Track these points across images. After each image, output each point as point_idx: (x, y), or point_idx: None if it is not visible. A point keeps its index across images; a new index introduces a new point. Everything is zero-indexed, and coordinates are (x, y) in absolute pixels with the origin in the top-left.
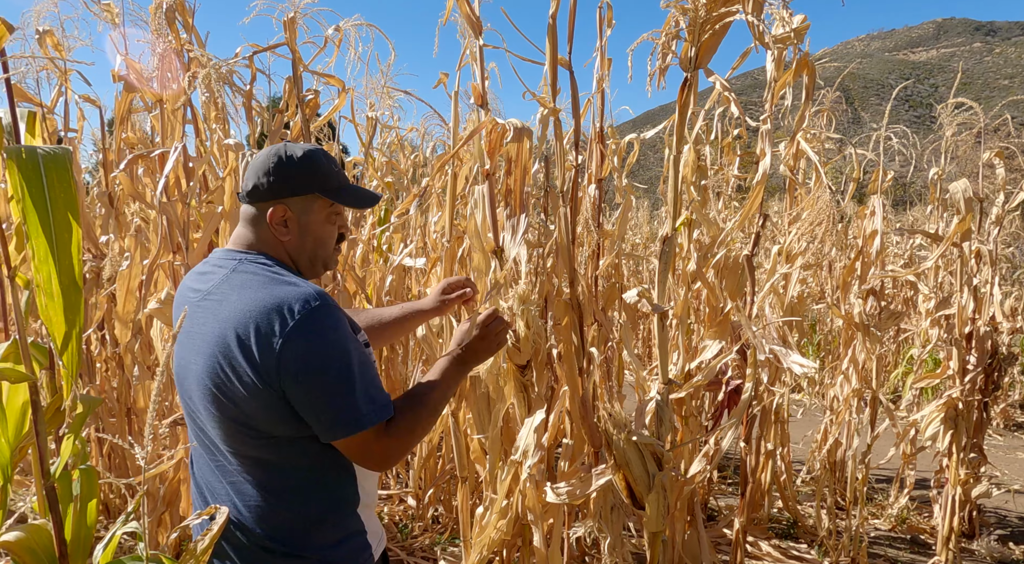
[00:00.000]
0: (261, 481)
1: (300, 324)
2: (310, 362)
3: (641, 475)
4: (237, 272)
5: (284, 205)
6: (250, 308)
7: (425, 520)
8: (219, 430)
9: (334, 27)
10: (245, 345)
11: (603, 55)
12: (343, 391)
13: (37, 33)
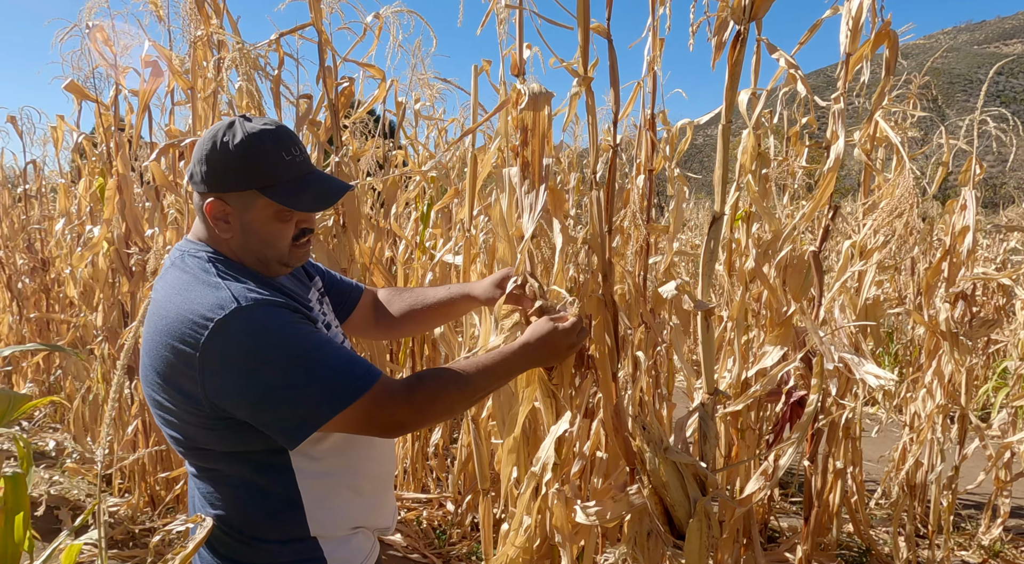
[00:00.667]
0: (200, 487)
1: (213, 335)
2: (235, 369)
3: (680, 500)
4: (174, 267)
5: (221, 200)
6: (169, 319)
7: (464, 527)
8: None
9: (373, 15)
10: (168, 361)
11: (655, 34)
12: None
13: (87, 28)
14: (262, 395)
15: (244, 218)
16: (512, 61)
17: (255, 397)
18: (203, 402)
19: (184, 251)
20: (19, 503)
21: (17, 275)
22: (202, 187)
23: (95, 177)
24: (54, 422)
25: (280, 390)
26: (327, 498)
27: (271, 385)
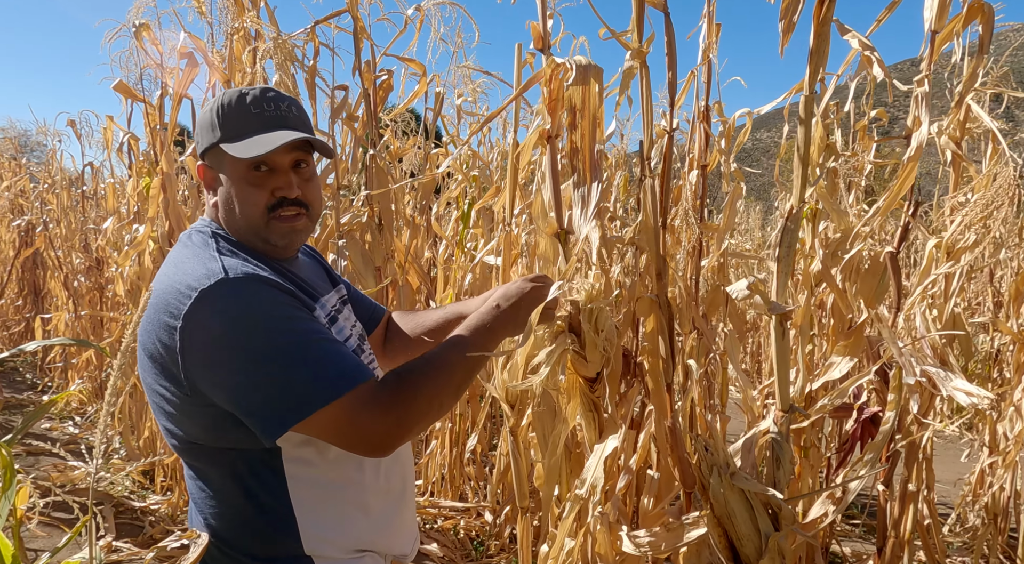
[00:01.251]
0: (193, 492)
1: (197, 305)
2: (214, 345)
3: (749, 534)
4: (179, 244)
5: (204, 163)
6: (160, 293)
7: (502, 539)
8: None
9: (415, 7)
10: (155, 337)
11: (711, 19)
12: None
13: (133, 26)
14: (240, 377)
15: (221, 180)
16: (534, 33)
17: (232, 378)
18: (184, 383)
19: (193, 228)
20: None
21: (73, 274)
22: (198, 153)
23: (142, 176)
24: None
25: (259, 373)
26: (324, 512)
27: (249, 367)
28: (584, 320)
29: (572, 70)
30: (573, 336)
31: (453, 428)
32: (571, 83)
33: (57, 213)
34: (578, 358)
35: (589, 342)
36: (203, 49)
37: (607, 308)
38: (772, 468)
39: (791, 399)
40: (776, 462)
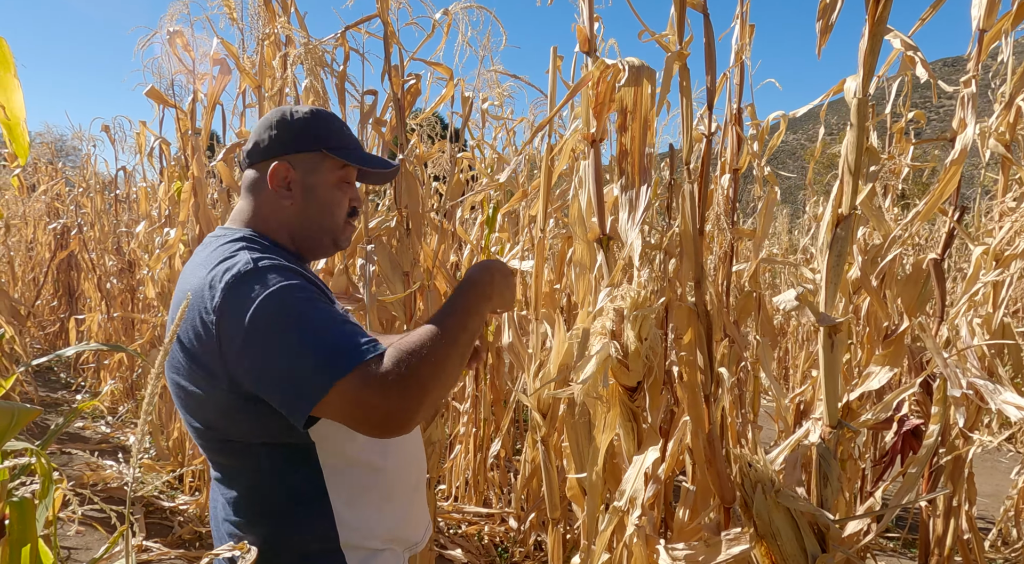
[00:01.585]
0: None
1: (226, 296)
2: (246, 332)
3: (795, 554)
4: (203, 248)
5: (287, 162)
6: (193, 291)
7: (527, 546)
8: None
9: (442, 11)
10: (192, 333)
11: (744, 21)
12: (295, 350)
13: (168, 34)
14: (270, 362)
15: (308, 182)
16: (580, 35)
17: (263, 364)
18: (221, 375)
19: (215, 235)
20: (25, 534)
21: (106, 276)
22: (268, 151)
23: (173, 180)
24: (135, 418)
25: (286, 357)
26: (357, 503)
27: (277, 352)
28: (628, 328)
29: (625, 71)
30: (617, 344)
31: (477, 433)
32: (623, 84)
33: (91, 216)
34: (620, 366)
35: (633, 350)
36: (235, 55)
37: (651, 316)
38: (820, 486)
39: (837, 413)
40: (824, 480)
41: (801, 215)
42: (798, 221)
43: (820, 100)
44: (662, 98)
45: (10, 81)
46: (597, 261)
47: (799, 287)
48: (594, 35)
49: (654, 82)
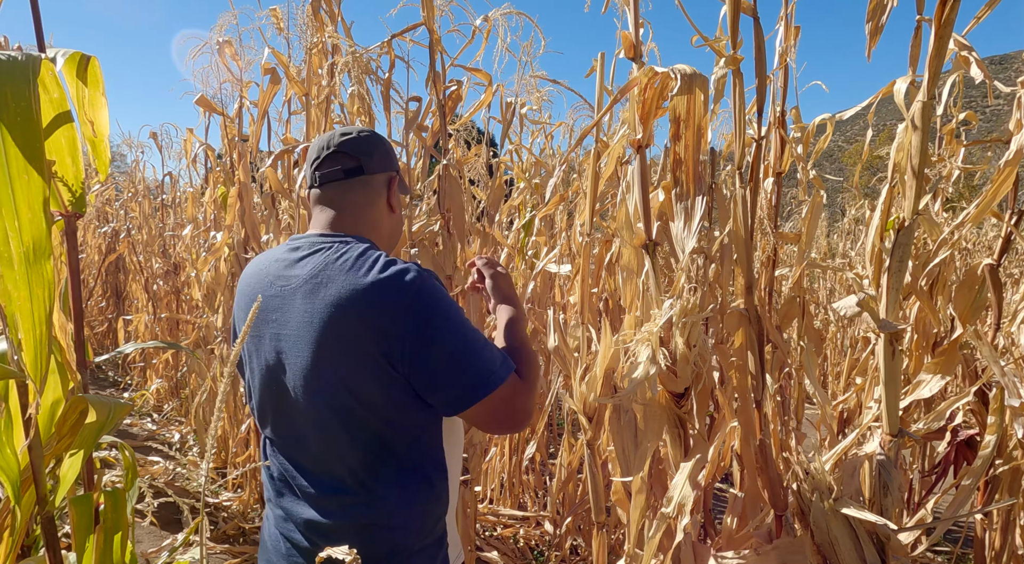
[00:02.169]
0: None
1: (416, 298)
2: (433, 330)
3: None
4: (339, 253)
5: (396, 177)
6: (365, 290)
7: (563, 550)
8: (332, 426)
9: (482, 17)
10: (372, 328)
11: (788, 23)
12: (473, 349)
13: (218, 44)
14: (447, 352)
15: (393, 201)
16: (625, 42)
17: (438, 354)
18: (401, 369)
19: (335, 240)
20: (118, 522)
21: (153, 278)
22: (378, 167)
23: (219, 186)
24: (179, 415)
25: (457, 351)
26: (451, 495)
27: (453, 345)
28: (676, 334)
29: (677, 80)
30: (665, 350)
31: (512, 436)
32: (675, 93)
33: (139, 220)
34: (668, 373)
35: (681, 357)
36: (285, 64)
37: (700, 323)
38: (879, 495)
39: (898, 422)
40: (884, 489)
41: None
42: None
43: (868, 102)
44: (716, 105)
45: (98, 99)
46: (644, 266)
47: (860, 293)
48: (639, 41)
49: (707, 90)
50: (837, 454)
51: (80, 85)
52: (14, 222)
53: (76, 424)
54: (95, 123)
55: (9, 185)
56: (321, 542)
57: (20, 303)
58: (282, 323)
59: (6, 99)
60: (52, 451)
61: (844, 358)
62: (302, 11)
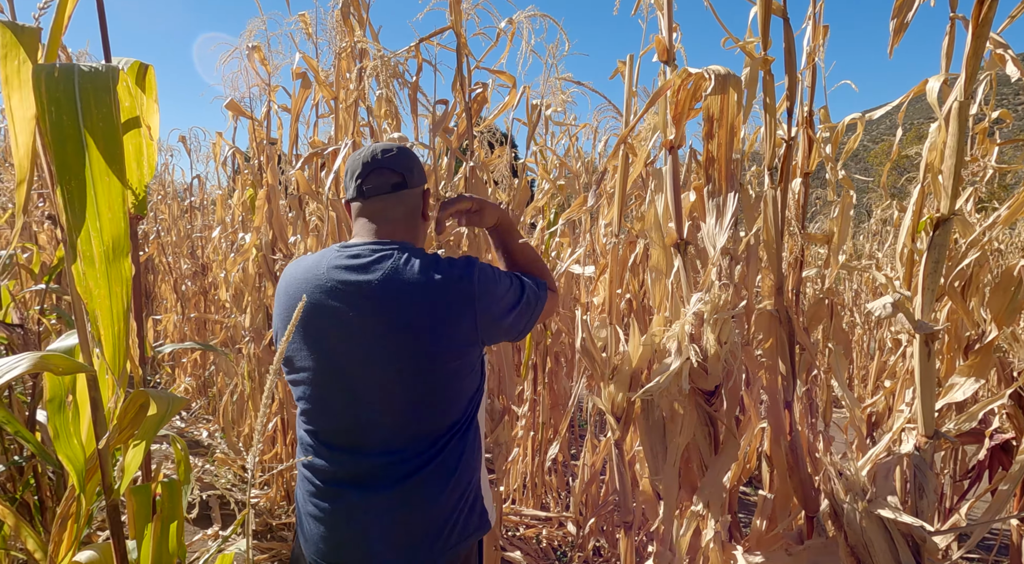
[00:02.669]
0: (438, 467)
1: (478, 276)
2: (498, 289)
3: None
4: (403, 260)
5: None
6: (438, 284)
7: (586, 551)
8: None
9: (507, 20)
10: (449, 312)
11: (816, 22)
12: (526, 297)
13: (247, 48)
14: (513, 304)
15: (427, 212)
16: (658, 46)
17: (507, 305)
18: (477, 334)
19: (394, 246)
20: (175, 512)
21: (181, 278)
22: (417, 182)
23: (247, 188)
24: (207, 414)
25: (519, 298)
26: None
27: (514, 295)
28: (708, 331)
29: (711, 80)
30: (696, 347)
31: (535, 436)
32: (709, 93)
33: (168, 222)
34: (698, 370)
35: (712, 354)
36: (315, 68)
37: (731, 320)
38: (914, 497)
39: (934, 423)
40: (919, 491)
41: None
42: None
43: (899, 101)
44: (748, 105)
45: (152, 105)
46: (674, 266)
47: (894, 294)
48: (673, 45)
49: (740, 90)
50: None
51: (138, 91)
52: (96, 222)
53: (137, 417)
54: (150, 128)
55: (92, 187)
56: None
57: (100, 300)
58: (354, 323)
59: (90, 106)
60: (115, 442)
61: (870, 361)
62: (330, 16)
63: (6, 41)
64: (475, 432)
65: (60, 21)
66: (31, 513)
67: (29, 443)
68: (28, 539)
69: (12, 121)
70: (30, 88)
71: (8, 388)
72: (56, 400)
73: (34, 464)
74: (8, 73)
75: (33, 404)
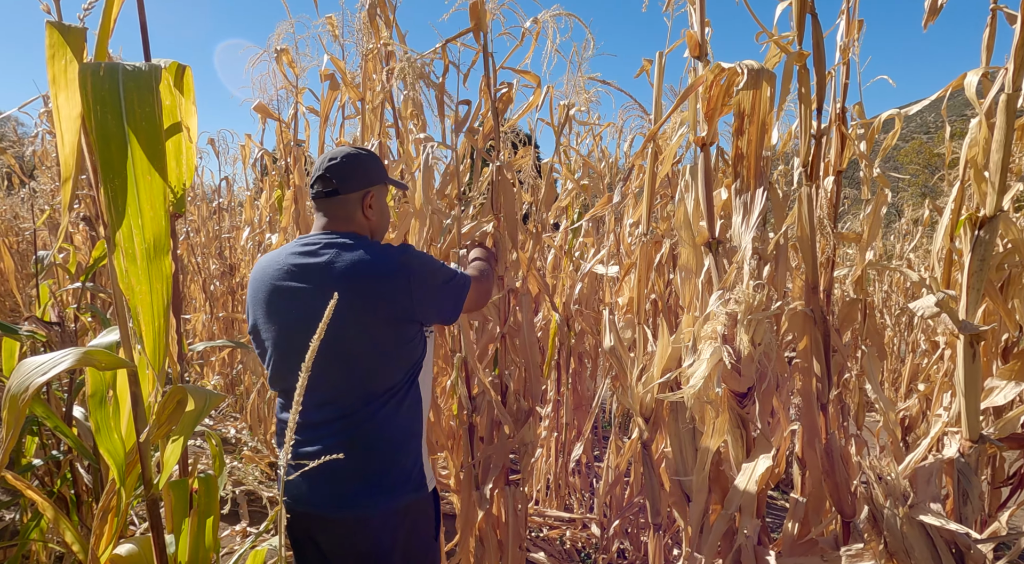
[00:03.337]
0: (378, 424)
1: (412, 259)
2: (427, 273)
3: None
4: (348, 248)
5: (372, 192)
6: (373, 272)
7: (610, 553)
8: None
9: (531, 19)
10: (382, 298)
11: (850, 17)
12: (449, 273)
13: (275, 52)
14: (440, 286)
15: (378, 203)
16: (690, 41)
17: (436, 289)
18: (411, 309)
19: (336, 236)
20: (211, 506)
21: (210, 278)
22: (358, 187)
23: (274, 189)
24: (234, 411)
25: (445, 281)
26: (422, 426)
27: (441, 279)
28: (741, 332)
29: (743, 74)
30: (729, 348)
31: (559, 437)
32: (741, 87)
33: (197, 223)
34: (732, 371)
35: (745, 355)
36: (343, 70)
37: (766, 320)
38: (959, 503)
39: (979, 427)
40: (963, 496)
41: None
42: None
43: (938, 95)
44: (781, 101)
45: (190, 106)
46: (705, 265)
47: (938, 293)
48: (705, 40)
49: (774, 85)
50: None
51: (176, 92)
52: (138, 220)
53: (175, 412)
54: (189, 129)
55: (135, 185)
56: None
57: (141, 296)
58: (305, 296)
59: (133, 105)
60: (154, 437)
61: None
62: (356, 18)
63: (53, 41)
64: (413, 400)
65: (107, 22)
66: (68, 507)
67: (67, 438)
68: (66, 532)
69: (59, 120)
70: (76, 87)
71: (46, 385)
72: (98, 395)
73: (71, 459)
74: (55, 72)
75: (70, 400)
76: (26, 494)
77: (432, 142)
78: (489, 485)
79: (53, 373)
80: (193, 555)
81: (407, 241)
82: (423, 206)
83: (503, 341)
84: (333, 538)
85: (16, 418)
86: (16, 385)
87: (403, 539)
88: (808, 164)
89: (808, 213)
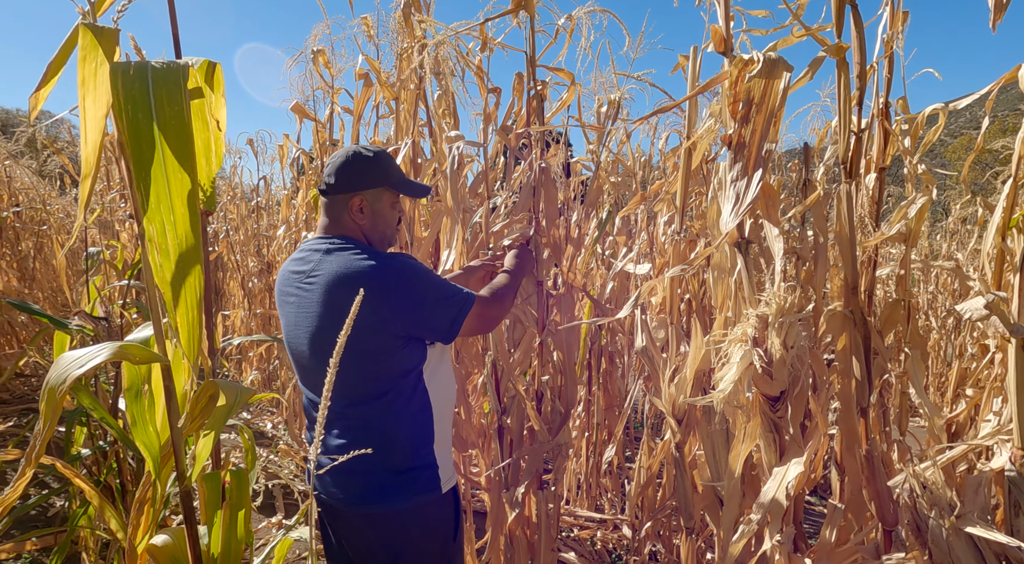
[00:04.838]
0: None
1: (399, 269)
2: (413, 287)
3: None
4: (331, 253)
5: (361, 196)
6: (354, 271)
7: (642, 555)
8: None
9: (565, 17)
10: (363, 308)
11: (894, 8)
12: (447, 291)
13: (312, 53)
14: (429, 302)
15: (374, 207)
16: (715, 36)
17: (423, 305)
18: (389, 320)
19: (328, 242)
20: (242, 499)
21: (248, 276)
22: (346, 189)
23: (310, 188)
24: (271, 406)
25: (438, 298)
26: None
27: (433, 295)
28: (772, 335)
29: (759, 62)
30: (760, 352)
31: (590, 438)
32: (754, 74)
33: (236, 222)
34: (763, 375)
35: (777, 359)
36: (377, 70)
37: (798, 323)
38: (1010, 514)
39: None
40: (1014, 508)
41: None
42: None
43: (988, 89)
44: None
45: (220, 101)
46: (737, 265)
47: (987, 295)
48: (730, 35)
49: (790, 76)
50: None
51: (207, 89)
52: (170, 216)
53: (207, 406)
54: (219, 122)
55: (166, 182)
56: None
57: (175, 290)
58: (301, 305)
59: (162, 103)
60: (187, 430)
61: (948, 368)
62: (391, 19)
63: (86, 43)
64: (419, 403)
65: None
66: (113, 495)
67: (112, 429)
68: (111, 519)
69: (84, 120)
70: (104, 89)
71: (94, 377)
72: (133, 389)
73: (116, 449)
74: (85, 74)
75: (116, 392)
76: (74, 482)
77: (461, 140)
78: (521, 488)
79: (90, 366)
80: (225, 546)
81: (439, 240)
82: (452, 205)
83: (540, 346)
84: (347, 531)
85: (53, 409)
86: (55, 377)
87: (416, 539)
88: (847, 161)
89: (847, 211)
